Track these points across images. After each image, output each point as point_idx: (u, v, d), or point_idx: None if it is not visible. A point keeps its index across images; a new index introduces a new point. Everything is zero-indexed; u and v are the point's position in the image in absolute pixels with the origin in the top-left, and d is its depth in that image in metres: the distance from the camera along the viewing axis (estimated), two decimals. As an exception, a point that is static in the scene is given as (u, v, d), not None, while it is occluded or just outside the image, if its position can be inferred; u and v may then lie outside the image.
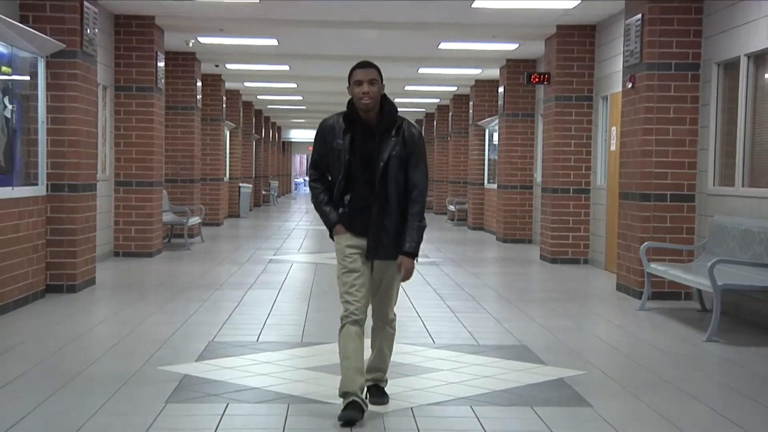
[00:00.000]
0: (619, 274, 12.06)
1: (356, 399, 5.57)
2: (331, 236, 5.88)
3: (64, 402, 6.09)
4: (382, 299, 5.91)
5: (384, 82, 5.78)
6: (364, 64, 5.71)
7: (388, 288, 5.89)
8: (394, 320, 6.01)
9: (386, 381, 6.10)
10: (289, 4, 13.86)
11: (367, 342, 5.84)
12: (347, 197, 5.75)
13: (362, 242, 5.73)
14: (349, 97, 5.76)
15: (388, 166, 5.64)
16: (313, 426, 5.62)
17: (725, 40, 10.43)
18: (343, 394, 5.62)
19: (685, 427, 5.70)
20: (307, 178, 75.93)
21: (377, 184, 5.64)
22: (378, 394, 6.03)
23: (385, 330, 5.96)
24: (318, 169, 5.92)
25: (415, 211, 5.72)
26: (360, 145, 5.68)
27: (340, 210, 5.78)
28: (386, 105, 5.73)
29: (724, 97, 10.70)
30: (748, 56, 9.99)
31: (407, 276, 5.78)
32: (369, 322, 5.86)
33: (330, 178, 5.90)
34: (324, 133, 5.82)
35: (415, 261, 5.82)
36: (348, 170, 5.69)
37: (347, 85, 5.75)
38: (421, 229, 5.75)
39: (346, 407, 5.57)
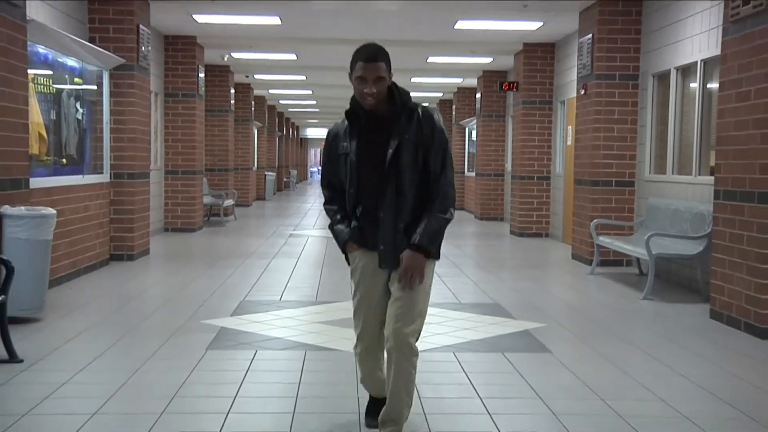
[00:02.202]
0: (574, 246, 12.11)
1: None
2: (347, 258, 4.14)
3: (126, 347, 6.15)
4: (401, 314, 3.87)
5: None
6: (370, 57, 3.82)
7: (408, 301, 3.89)
8: (415, 351, 3.89)
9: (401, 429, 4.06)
10: (305, 27, 13.84)
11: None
12: (359, 209, 3.99)
13: (375, 256, 3.98)
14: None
15: (399, 153, 3.86)
16: (325, 368, 5.64)
17: (659, 56, 10.44)
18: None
19: (625, 367, 5.75)
20: (320, 168, 76.26)
21: (386, 175, 3.87)
22: None
23: (400, 361, 3.86)
24: (331, 188, 4.13)
25: (438, 200, 3.89)
26: (368, 141, 3.95)
27: (353, 224, 4.02)
28: (396, 92, 3.96)
29: (658, 102, 10.71)
30: (677, 69, 10.00)
31: (408, 277, 3.86)
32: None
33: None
34: (329, 143, 4.10)
35: (434, 261, 4.02)
36: (357, 175, 3.94)
37: (349, 71, 3.93)
38: (441, 221, 3.88)
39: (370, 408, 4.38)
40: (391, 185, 3.89)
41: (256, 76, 21.84)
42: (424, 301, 3.95)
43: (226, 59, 18.13)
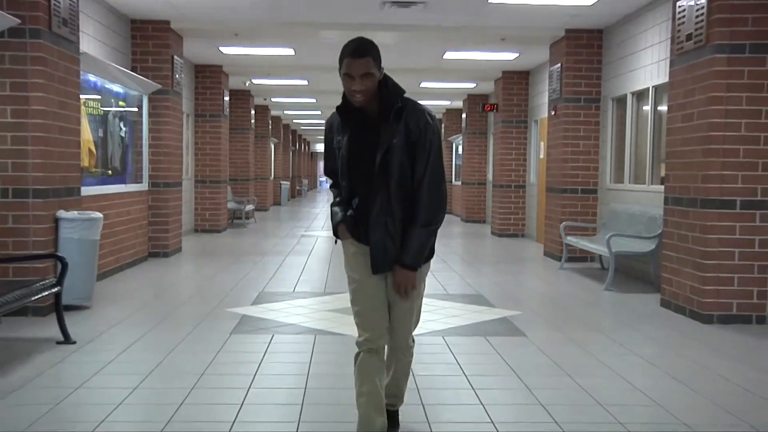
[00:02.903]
0: (546, 244, 12.14)
1: None
2: (336, 237, 3.56)
3: (162, 331, 6.18)
4: (398, 320, 3.50)
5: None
6: (356, 52, 3.20)
7: (404, 306, 3.47)
8: (412, 346, 3.66)
9: (402, 402, 3.87)
10: (315, 57, 13.88)
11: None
12: (355, 201, 3.42)
13: (367, 250, 3.42)
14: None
15: (388, 157, 3.24)
16: (333, 350, 5.66)
17: (617, 83, 10.49)
18: None
19: (588, 348, 5.78)
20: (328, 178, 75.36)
21: (375, 180, 3.27)
22: (391, 423, 3.78)
23: (402, 355, 3.64)
24: (332, 174, 3.53)
25: (421, 211, 3.29)
26: (358, 138, 3.33)
27: (349, 212, 3.43)
28: (385, 87, 3.31)
29: (616, 122, 10.75)
30: (632, 93, 10.04)
31: (401, 291, 3.38)
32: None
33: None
34: (327, 133, 3.50)
35: (426, 269, 3.50)
36: (349, 169, 3.34)
37: (338, 68, 3.29)
38: (428, 234, 3.32)
39: None
40: (381, 191, 3.28)
41: (273, 99, 21.88)
42: (419, 303, 3.52)
43: (247, 85, 18.17)
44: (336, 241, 3.61)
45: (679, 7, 7.29)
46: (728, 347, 5.95)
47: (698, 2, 6.92)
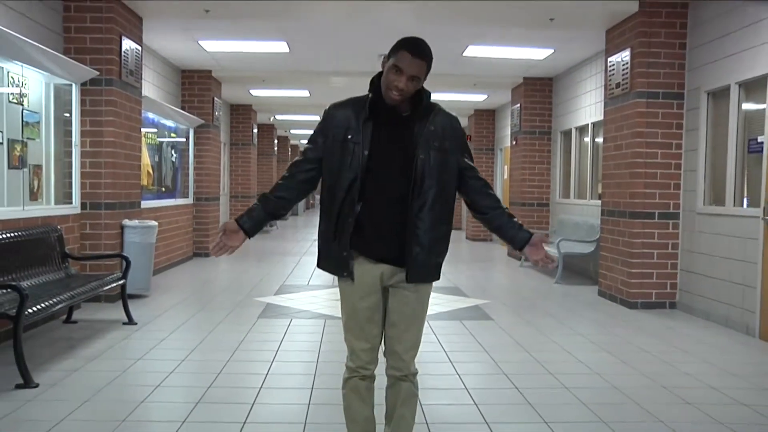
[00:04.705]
0: (509, 247, 12.18)
1: None
2: (238, 226, 2.43)
3: (203, 316, 6.19)
4: (405, 337, 2.46)
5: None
6: (417, 51, 2.30)
7: (414, 320, 2.46)
8: (416, 371, 2.53)
9: None
10: (327, 97, 13.93)
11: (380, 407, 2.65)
12: (357, 208, 2.34)
13: (382, 270, 2.41)
14: (375, 75, 2.44)
15: (428, 161, 2.34)
16: (340, 331, 5.50)
17: (564, 119, 10.58)
18: None
19: (542, 329, 5.82)
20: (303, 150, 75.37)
21: (414, 185, 2.32)
22: None
23: (403, 387, 2.50)
24: (309, 162, 2.51)
25: (502, 206, 2.56)
26: (386, 136, 2.36)
27: (349, 221, 2.36)
28: (424, 95, 2.40)
29: (564, 150, 10.82)
30: (576, 128, 10.11)
31: (543, 258, 2.46)
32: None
33: (325, 191, 2.45)
34: (330, 126, 2.44)
35: (430, 289, 2.51)
36: (365, 171, 2.33)
37: (384, 56, 2.40)
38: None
39: None
40: (418, 197, 2.34)
41: (292, 131, 21.92)
42: (423, 324, 2.52)
43: (271, 120, 18.22)
44: (238, 227, 2.43)
45: (610, 62, 7.42)
46: (649, 327, 6.01)
47: (623, 59, 7.05)
